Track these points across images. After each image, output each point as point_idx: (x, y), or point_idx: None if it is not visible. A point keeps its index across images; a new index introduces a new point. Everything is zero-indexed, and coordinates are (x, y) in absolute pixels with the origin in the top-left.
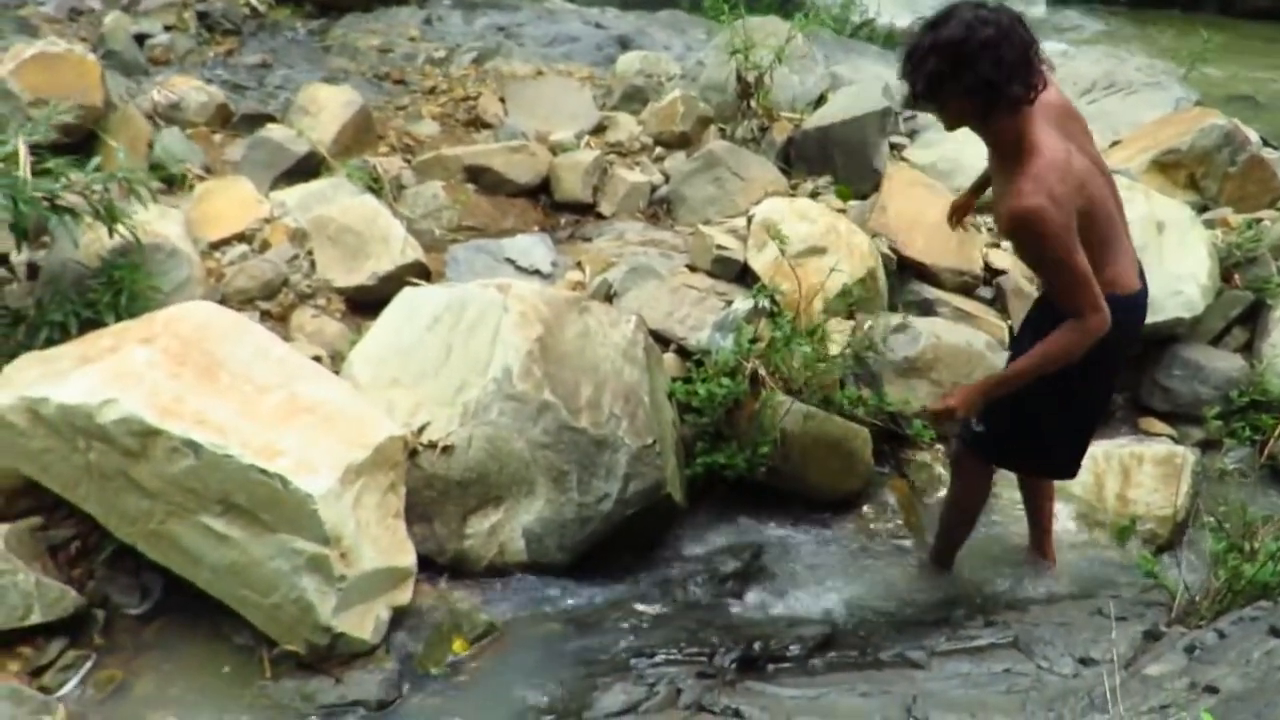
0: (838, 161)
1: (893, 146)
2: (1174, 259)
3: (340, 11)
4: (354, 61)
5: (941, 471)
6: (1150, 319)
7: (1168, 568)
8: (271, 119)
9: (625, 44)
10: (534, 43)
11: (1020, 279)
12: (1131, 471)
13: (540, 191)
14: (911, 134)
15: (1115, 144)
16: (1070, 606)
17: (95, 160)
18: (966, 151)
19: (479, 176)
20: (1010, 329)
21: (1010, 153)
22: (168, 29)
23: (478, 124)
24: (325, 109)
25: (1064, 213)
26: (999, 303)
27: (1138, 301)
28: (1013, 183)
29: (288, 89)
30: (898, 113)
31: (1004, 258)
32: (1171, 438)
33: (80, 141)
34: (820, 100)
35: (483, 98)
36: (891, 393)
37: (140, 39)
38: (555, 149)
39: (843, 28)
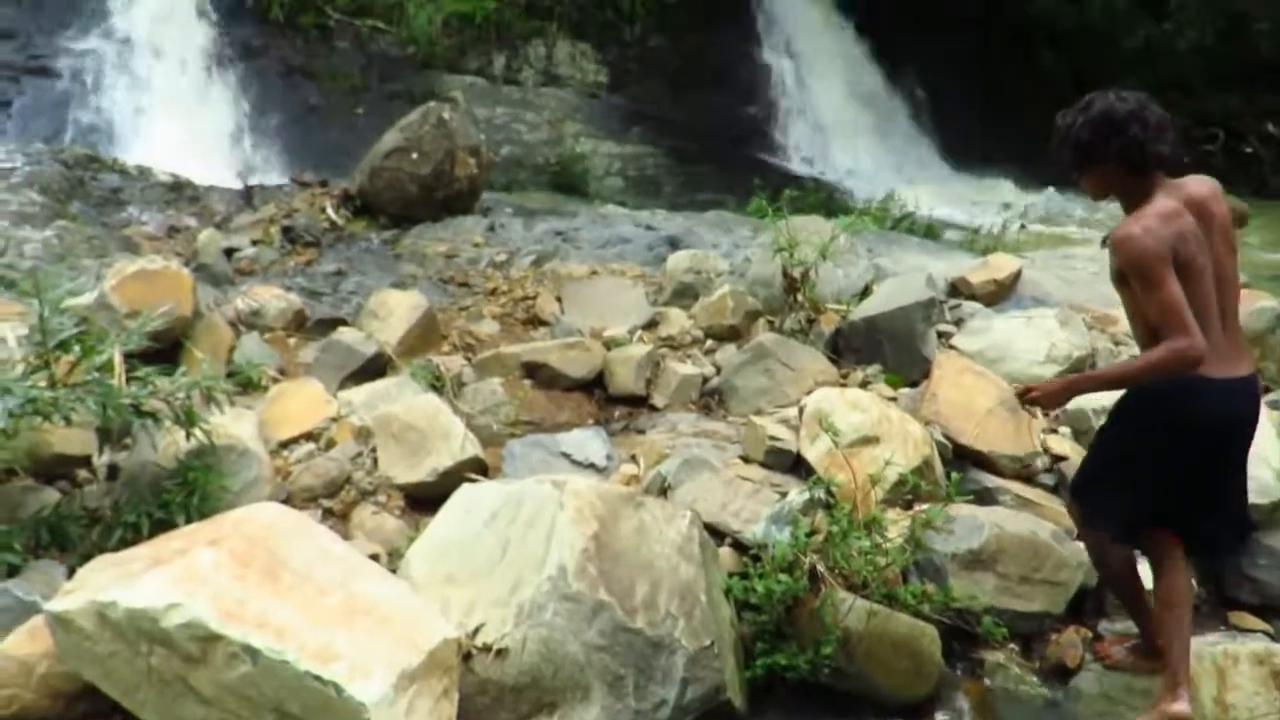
0: (886, 351)
1: (940, 334)
2: None
3: (411, 222)
4: (422, 267)
5: (1017, 671)
6: None
7: None
8: (343, 322)
9: (675, 244)
10: (589, 245)
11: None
12: (1228, 673)
13: (595, 385)
14: (958, 322)
15: None
16: None
17: (181, 369)
18: (1015, 337)
19: (536, 372)
20: None
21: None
22: (254, 243)
23: (535, 322)
24: (393, 312)
25: (1158, 242)
26: (1061, 489)
27: (1217, 388)
28: (1117, 245)
29: (360, 294)
30: (942, 301)
31: (1063, 443)
32: (1267, 633)
33: (169, 348)
34: (865, 292)
35: (540, 297)
36: (957, 587)
37: (229, 252)
38: (609, 344)
39: (884, 221)
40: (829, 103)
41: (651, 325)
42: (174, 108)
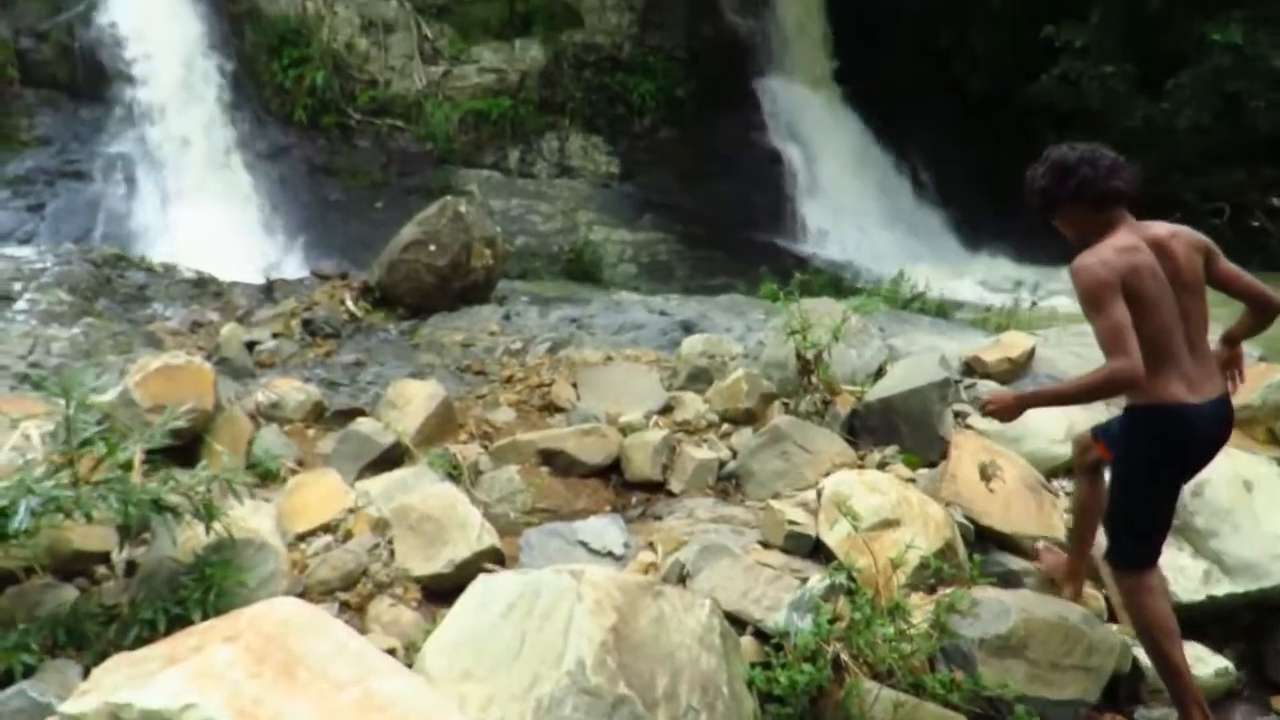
0: (903, 432)
1: (956, 414)
2: (1269, 518)
3: (429, 312)
4: (439, 356)
5: None
6: (1257, 584)
7: None
8: (361, 413)
9: (689, 328)
10: (603, 331)
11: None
12: None
13: (611, 471)
14: (974, 401)
15: None
16: None
17: (203, 464)
18: (1032, 417)
19: (553, 459)
20: (1105, 598)
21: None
22: (275, 336)
23: (552, 409)
24: (411, 402)
25: (1108, 272)
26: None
27: (1184, 414)
28: (1073, 272)
29: (378, 384)
30: (957, 381)
31: None
32: None
33: (190, 442)
34: (880, 373)
35: (556, 384)
36: (987, 675)
37: (250, 345)
38: (625, 430)
39: (895, 301)
40: (836, 186)
41: (667, 410)
42: (200, 206)
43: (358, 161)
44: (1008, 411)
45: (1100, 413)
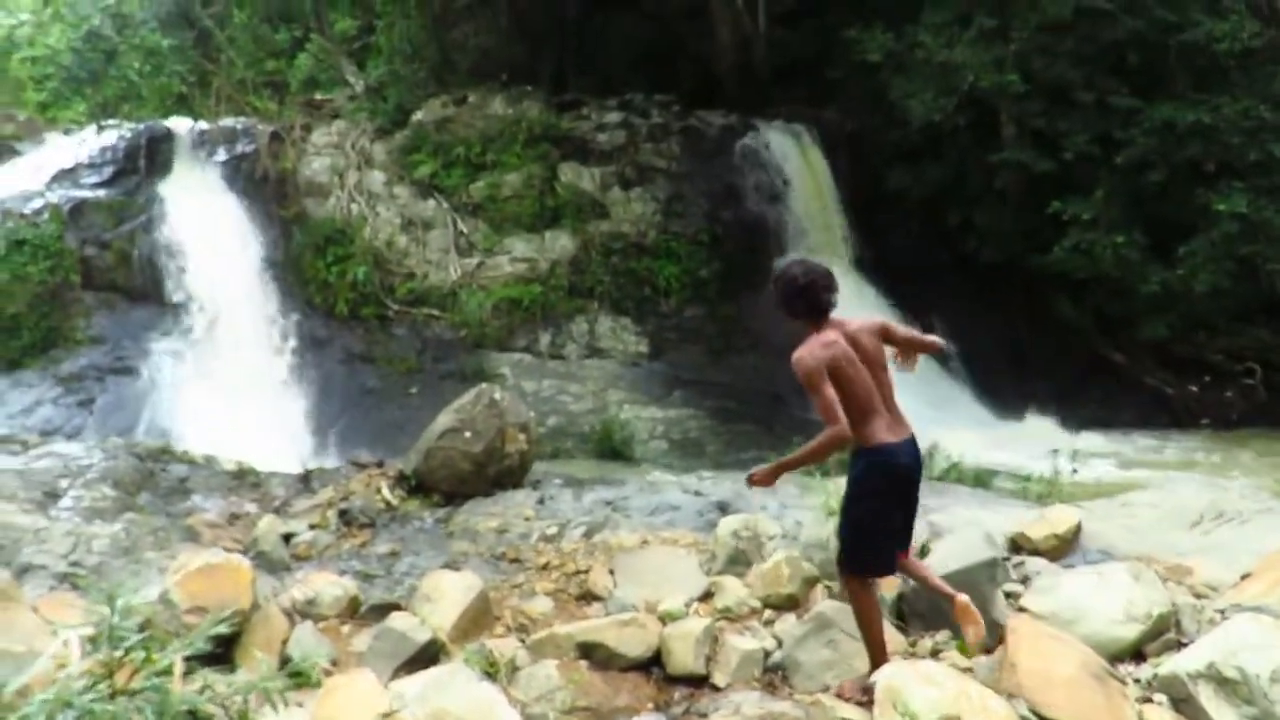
0: (953, 615)
1: (1007, 594)
2: None
3: (464, 499)
4: (474, 544)
5: None
6: None
7: None
8: (397, 607)
9: (724, 508)
10: (639, 513)
11: None
12: None
13: (652, 664)
14: (1024, 580)
15: (1245, 577)
16: None
17: (240, 673)
18: (1088, 596)
19: (591, 653)
20: None
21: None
22: (312, 527)
23: (589, 597)
24: (446, 595)
25: (816, 361)
26: None
27: (887, 452)
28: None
29: (413, 575)
30: (1005, 559)
31: (1162, 714)
32: None
33: (225, 641)
34: (923, 551)
35: (593, 571)
36: None
37: (287, 537)
38: (665, 618)
39: (930, 471)
40: None
41: (707, 596)
42: (242, 399)
43: (394, 349)
44: (767, 479)
45: None
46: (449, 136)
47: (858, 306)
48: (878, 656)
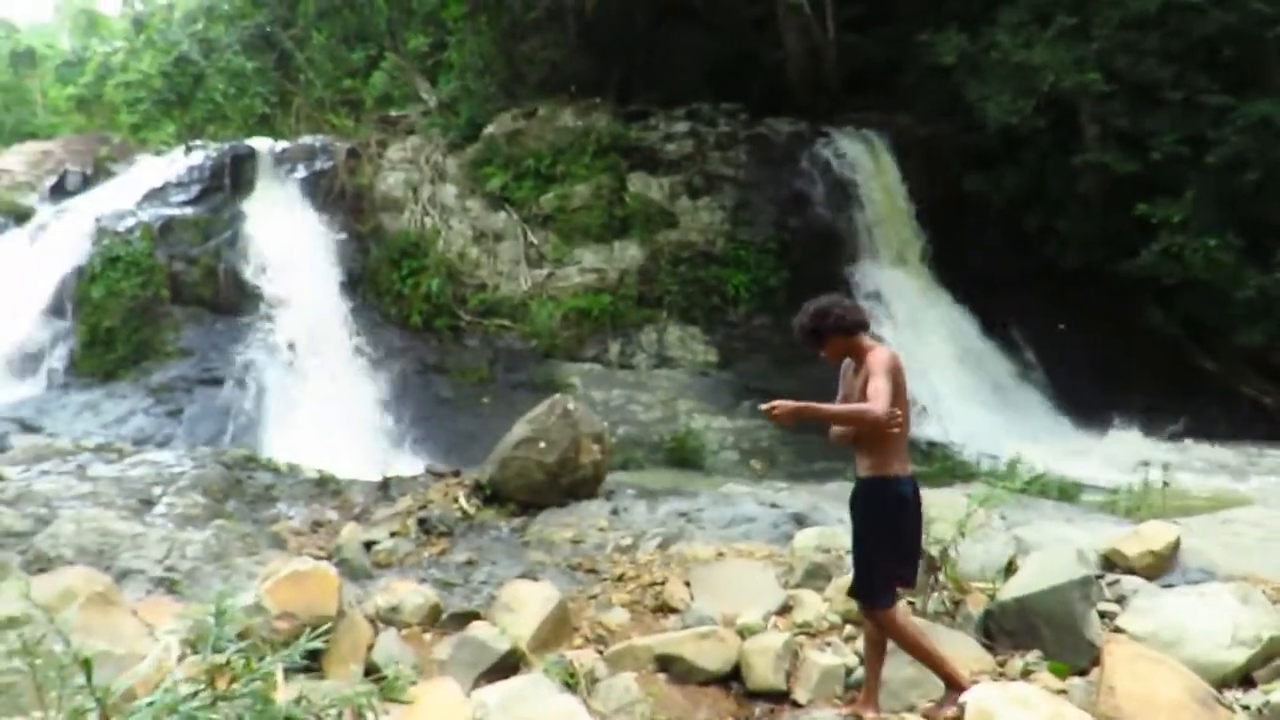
0: (1044, 634)
1: (1102, 614)
2: None
3: (538, 508)
4: (549, 554)
5: None
6: None
7: None
8: (477, 616)
9: (800, 520)
10: (713, 525)
11: None
12: None
13: (731, 679)
14: (1119, 599)
15: None
16: None
17: (330, 682)
18: (1190, 617)
19: (669, 665)
20: None
21: (862, 359)
22: (392, 535)
23: (665, 609)
24: (526, 605)
25: (890, 362)
26: None
27: (904, 483)
28: (866, 365)
29: (491, 584)
30: (1098, 576)
31: None
32: None
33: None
34: (1009, 567)
35: (669, 583)
36: None
37: (368, 545)
38: (743, 632)
39: (1013, 483)
40: (937, 367)
41: (785, 610)
42: (322, 408)
43: (466, 360)
44: (788, 417)
45: None
46: (519, 149)
47: (931, 316)
48: (948, 675)
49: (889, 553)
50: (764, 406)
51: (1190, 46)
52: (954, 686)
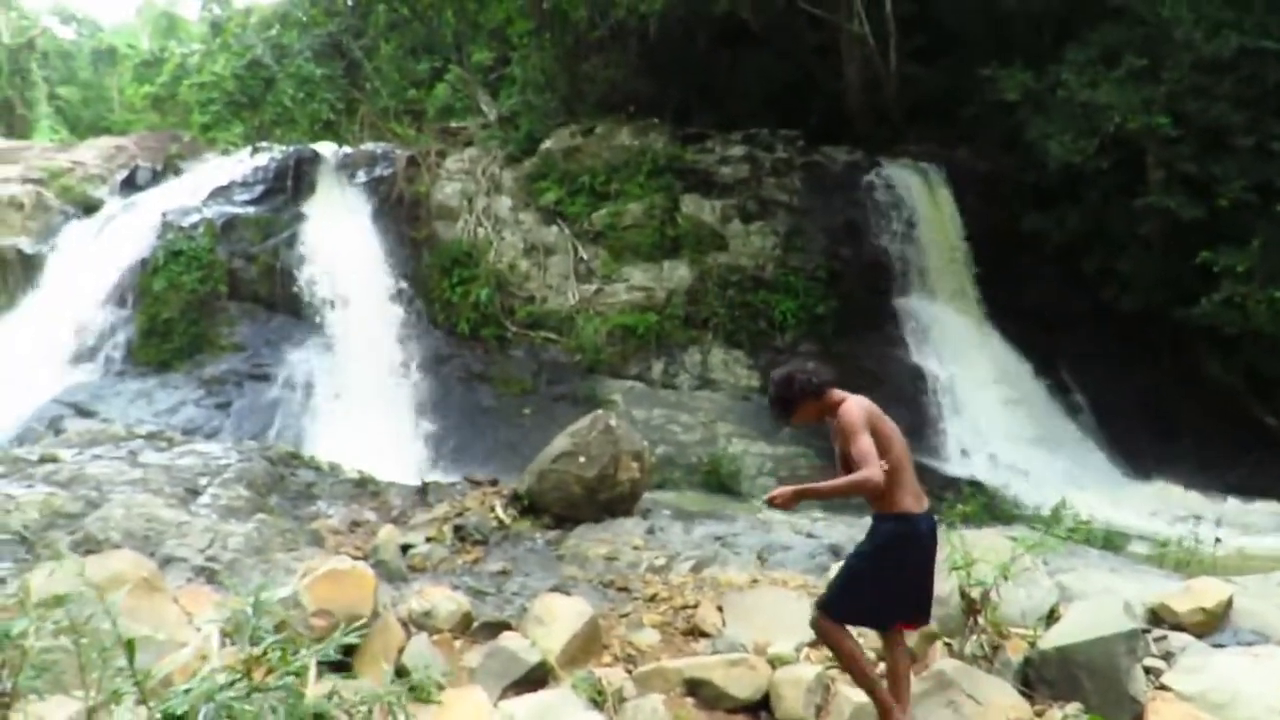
0: (1086, 687)
1: (1147, 670)
2: None
3: (574, 522)
4: (583, 569)
5: None
6: None
7: None
8: (508, 626)
9: (836, 552)
10: (748, 551)
11: None
12: None
13: (760, 707)
14: (1166, 656)
15: None
16: None
17: (361, 680)
18: (1242, 678)
19: (698, 690)
20: None
21: (835, 412)
22: (428, 540)
23: (696, 633)
24: (557, 619)
25: (861, 414)
26: None
27: (912, 521)
28: (840, 425)
29: (523, 595)
30: (1145, 630)
31: None
32: None
33: (347, 646)
34: (1052, 615)
35: (701, 607)
36: None
37: (405, 548)
38: (774, 662)
39: (1061, 534)
40: (984, 406)
41: (818, 642)
42: (366, 409)
43: (511, 370)
44: (789, 502)
45: None
46: (575, 165)
47: (981, 355)
48: (882, 701)
49: (872, 583)
50: (764, 498)
51: (1265, 92)
52: (886, 716)
